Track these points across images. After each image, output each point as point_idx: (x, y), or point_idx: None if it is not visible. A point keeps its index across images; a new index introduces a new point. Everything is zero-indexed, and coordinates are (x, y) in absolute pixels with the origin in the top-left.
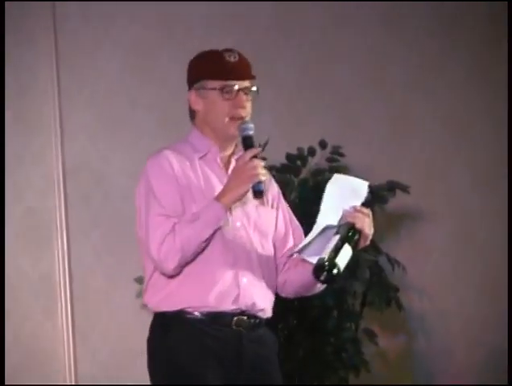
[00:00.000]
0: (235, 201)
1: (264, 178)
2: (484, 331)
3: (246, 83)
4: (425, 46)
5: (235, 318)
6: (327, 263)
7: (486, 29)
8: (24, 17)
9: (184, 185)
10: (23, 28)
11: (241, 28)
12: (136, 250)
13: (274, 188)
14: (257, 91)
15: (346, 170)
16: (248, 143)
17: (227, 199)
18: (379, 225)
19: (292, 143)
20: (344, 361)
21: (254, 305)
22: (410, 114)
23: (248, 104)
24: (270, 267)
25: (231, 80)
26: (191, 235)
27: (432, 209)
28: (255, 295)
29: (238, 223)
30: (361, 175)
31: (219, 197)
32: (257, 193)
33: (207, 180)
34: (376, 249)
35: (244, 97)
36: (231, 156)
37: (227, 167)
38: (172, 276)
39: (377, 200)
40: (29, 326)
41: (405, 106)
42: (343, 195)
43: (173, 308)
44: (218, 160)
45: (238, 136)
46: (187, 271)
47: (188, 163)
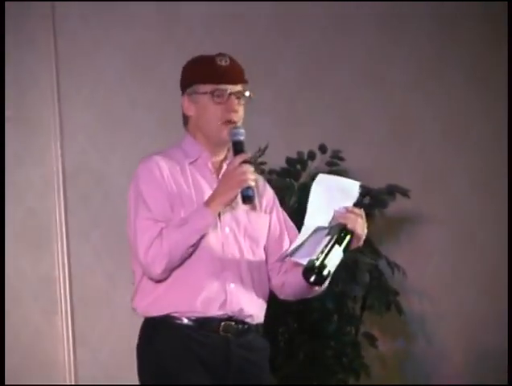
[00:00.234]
0: (224, 206)
1: (253, 183)
2: (484, 334)
3: (238, 87)
4: (425, 48)
5: (222, 324)
6: (316, 264)
7: (486, 31)
8: (24, 18)
9: (174, 190)
10: (23, 29)
11: (241, 30)
12: None
13: (269, 193)
14: (249, 96)
15: (346, 174)
16: (238, 148)
17: (216, 204)
18: (379, 229)
19: (292, 147)
20: (344, 365)
21: (242, 310)
22: (409, 117)
23: (240, 108)
24: (261, 272)
25: (222, 84)
26: (178, 239)
27: (432, 213)
28: (243, 301)
29: (227, 228)
30: (361, 179)
31: (208, 202)
32: (245, 198)
33: (197, 185)
34: (376, 253)
35: (236, 101)
36: (223, 161)
37: (219, 172)
38: (160, 280)
39: (377, 204)
40: (29, 327)
41: (405, 109)
42: (332, 196)
43: (160, 312)
44: (209, 165)
45: (229, 138)
46: (175, 276)
47: (179, 168)
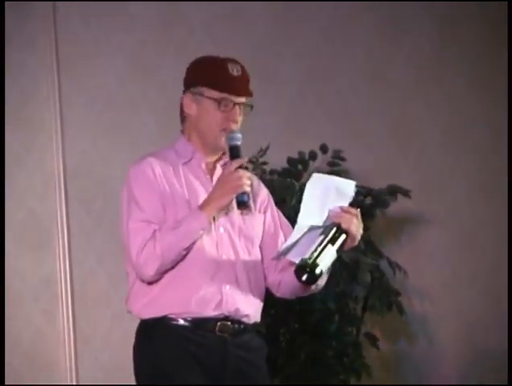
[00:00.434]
0: (218, 211)
1: (249, 189)
2: (484, 334)
3: (243, 98)
4: (425, 49)
5: (219, 324)
6: (308, 263)
7: (486, 32)
8: (25, 19)
9: (167, 191)
10: (24, 30)
11: (241, 30)
12: None
13: (263, 192)
14: (251, 107)
15: (347, 174)
16: (234, 153)
17: (210, 209)
18: (380, 229)
19: (293, 147)
20: (345, 365)
21: (238, 310)
22: (410, 118)
23: (240, 118)
24: (257, 271)
25: (231, 95)
26: (172, 242)
27: (433, 213)
28: (238, 301)
29: (221, 229)
30: (362, 179)
31: (202, 206)
32: (240, 204)
33: (190, 186)
34: (377, 253)
35: (238, 112)
36: (216, 162)
37: (212, 173)
38: (155, 282)
39: (378, 204)
40: (30, 329)
41: (405, 109)
42: (327, 195)
43: (156, 314)
44: (203, 166)
45: (226, 145)
46: (169, 277)
47: (172, 169)
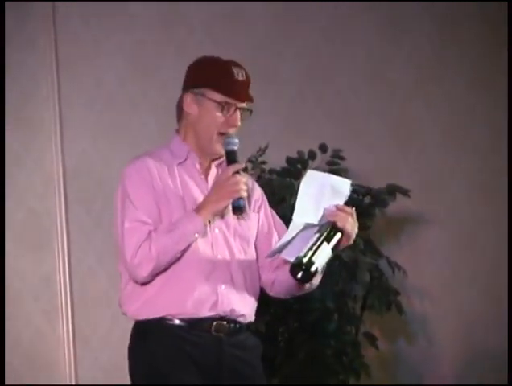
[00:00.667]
0: (214, 215)
1: (245, 194)
2: (484, 333)
3: (245, 104)
4: (425, 49)
5: (214, 323)
6: (304, 261)
7: (486, 32)
8: (24, 19)
9: (162, 191)
10: (23, 30)
11: (241, 30)
12: None
13: (257, 191)
14: (250, 112)
15: (346, 173)
16: (231, 158)
17: (206, 212)
18: (379, 228)
19: (292, 146)
20: (344, 364)
21: (234, 311)
22: (410, 117)
23: (239, 122)
24: (253, 271)
25: (234, 99)
26: (167, 244)
27: (432, 213)
28: (234, 301)
29: (216, 229)
30: (362, 179)
31: (198, 209)
32: (236, 209)
33: (185, 186)
34: (376, 253)
35: (239, 117)
36: (211, 162)
37: (207, 173)
38: (149, 283)
39: (377, 203)
40: (29, 328)
41: (405, 109)
42: (322, 193)
43: (151, 316)
44: (197, 166)
45: (222, 150)
46: (164, 278)
47: (167, 169)
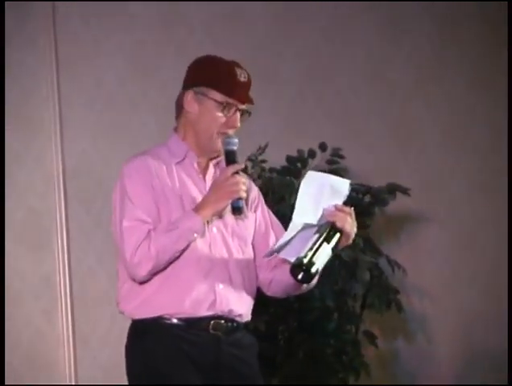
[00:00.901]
0: (213, 215)
1: (244, 195)
2: (484, 333)
3: (245, 105)
4: (425, 49)
5: (212, 322)
6: (304, 262)
7: (486, 32)
8: (24, 19)
9: (160, 190)
10: (24, 30)
11: (241, 30)
12: None
13: (254, 191)
14: (249, 114)
15: (346, 172)
16: (230, 158)
17: (205, 212)
18: (379, 227)
19: (292, 145)
20: (344, 363)
21: (232, 311)
22: (410, 117)
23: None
24: (251, 270)
25: (235, 100)
26: (166, 244)
27: (432, 212)
28: (232, 301)
29: (214, 229)
30: (361, 178)
31: (198, 209)
32: (235, 209)
33: (183, 186)
34: (376, 251)
35: (239, 118)
36: (209, 161)
37: (205, 172)
38: (147, 282)
39: (377, 202)
40: (29, 327)
41: (405, 109)
42: (322, 193)
43: (149, 315)
44: (195, 165)
45: (221, 148)
46: (162, 278)
47: (165, 168)
